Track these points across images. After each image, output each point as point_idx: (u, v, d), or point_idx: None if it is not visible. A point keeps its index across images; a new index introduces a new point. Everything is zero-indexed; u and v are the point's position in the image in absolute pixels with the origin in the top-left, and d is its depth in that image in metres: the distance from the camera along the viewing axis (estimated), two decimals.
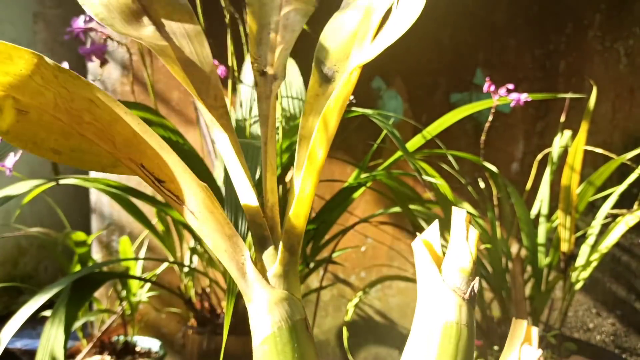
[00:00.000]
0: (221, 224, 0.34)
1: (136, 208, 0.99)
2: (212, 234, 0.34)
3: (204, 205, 0.34)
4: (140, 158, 0.33)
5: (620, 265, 1.26)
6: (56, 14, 1.68)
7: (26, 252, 1.60)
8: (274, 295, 0.34)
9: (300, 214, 0.36)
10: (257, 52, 0.43)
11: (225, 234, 0.34)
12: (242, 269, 0.35)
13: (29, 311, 0.68)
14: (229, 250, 0.34)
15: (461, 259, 0.35)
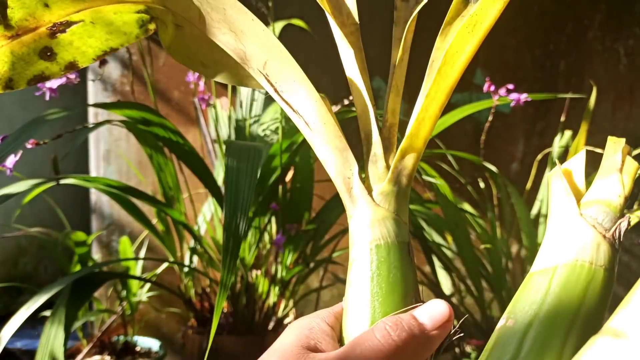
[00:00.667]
0: (333, 136, 0.34)
1: (136, 208, 0.99)
2: (323, 146, 0.34)
3: (319, 115, 0.34)
4: (264, 68, 0.33)
5: (620, 265, 1.25)
6: None
7: (26, 252, 1.60)
8: (377, 213, 0.33)
9: (419, 135, 0.34)
10: None
11: (336, 147, 0.34)
12: (348, 184, 0.34)
13: (29, 311, 0.68)
14: (338, 163, 0.34)
15: (609, 191, 0.30)
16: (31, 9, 0.33)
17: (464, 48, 0.33)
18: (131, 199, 0.98)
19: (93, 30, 0.36)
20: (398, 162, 0.34)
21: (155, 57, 1.26)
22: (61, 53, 0.36)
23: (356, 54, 0.38)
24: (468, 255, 0.96)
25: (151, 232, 1.02)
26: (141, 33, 0.37)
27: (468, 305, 1.07)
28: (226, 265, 0.57)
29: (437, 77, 0.33)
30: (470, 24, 0.33)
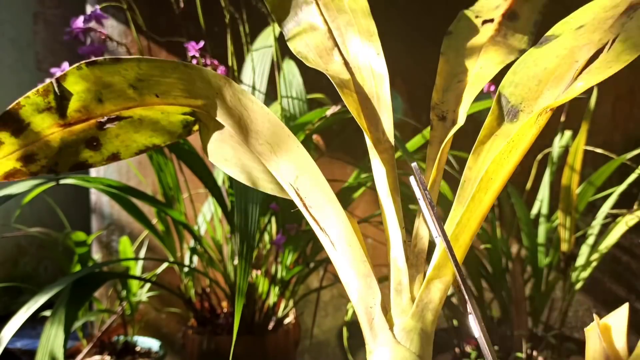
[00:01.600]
0: (358, 261, 0.32)
1: (136, 208, 0.99)
2: (347, 269, 0.33)
3: (345, 238, 0.33)
4: (295, 181, 0.34)
5: (620, 265, 1.26)
6: (56, 14, 1.68)
7: (26, 252, 1.60)
8: (397, 352, 0.30)
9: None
10: (441, 97, 0.42)
11: (361, 272, 0.32)
12: (369, 314, 0.32)
13: (29, 311, 0.68)
14: (361, 289, 0.32)
15: None
16: (86, 102, 0.34)
17: (499, 174, 0.32)
18: (131, 199, 0.98)
19: (140, 126, 0.38)
20: (424, 294, 0.32)
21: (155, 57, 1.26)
22: (106, 144, 0.37)
23: (388, 173, 0.37)
24: (468, 255, 0.96)
25: (151, 232, 1.02)
26: (184, 133, 0.39)
27: None
28: (241, 269, 0.58)
29: (471, 204, 0.32)
30: (507, 149, 0.32)
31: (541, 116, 0.32)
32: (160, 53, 1.26)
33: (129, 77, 0.35)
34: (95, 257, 1.29)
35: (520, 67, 0.38)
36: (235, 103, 0.34)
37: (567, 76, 0.34)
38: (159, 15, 1.11)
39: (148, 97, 0.36)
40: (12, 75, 1.56)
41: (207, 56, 0.92)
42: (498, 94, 0.37)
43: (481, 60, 0.43)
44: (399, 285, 0.34)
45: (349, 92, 0.39)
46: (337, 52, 0.41)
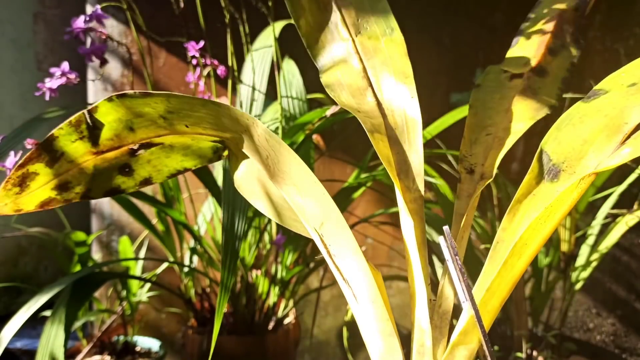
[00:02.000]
0: (381, 318, 0.32)
1: (136, 208, 0.99)
2: (368, 325, 0.32)
3: (368, 293, 0.32)
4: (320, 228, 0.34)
5: (620, 265, 1.26)
6: (56, 14, 1.68)
7: (26, 252, 1.60)
8: None
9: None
10: (469, 150, 0.41)
11: (383, 331, 0.32)
12: None
13: (29, 311, 0.68)
14: (382, 350, 0.31)
15: None
16: (118, 130, 0.35)
17: (535, 239, 0.31)
18: (131, 199, 0.98)
19: (171, 152, 0.38)
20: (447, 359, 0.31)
21: (155, 57, 1.26)
22: (138, 170, 0.38)
23: (417, 225, 0.36)
24: (468, 255, 0.96)
25: (151, 232, 1.02)
26: (214, 158, 0.40)
27: None
28: (226, 266, 0.57)
29: (502, 271, 0.31)
30: (545, 215, 0.31)
31: (583, 180, 0.31)
32: (160, 53, 1.26)
33: (159, 109, 0.35)
34: (95, 257, 1.29)
35: (564, 123, 0.35)
36: (263, 142, 0.35)
37: (615, 138, 0.32)
38: (159, 15, 1.11)
39: (178, 127, 0.37)
40: (12, 75, 1.56)
41: (207, 56, 0.92)
42: (540, 150, 0.35)
43: (510, 114, 0.43)
44: (421, 347, 0.33)
45: (379, 137, 0.38)
46: (371, 93, 0.41)
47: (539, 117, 0.42)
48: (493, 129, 0.42)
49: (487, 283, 0.31)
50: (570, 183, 0.30)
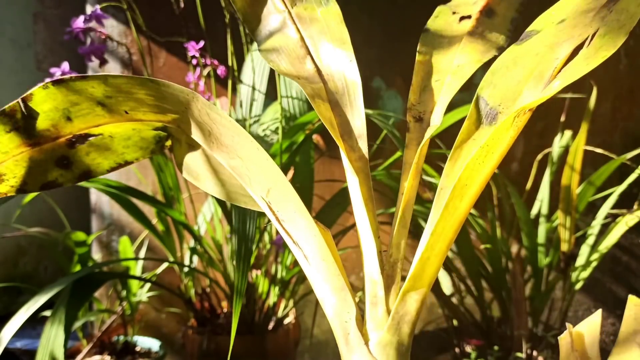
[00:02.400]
0: (332, 275, 0.32)
1: (136, 208, 0.99)
2: (321, 283, 0.32)
3: (318, 252, 0.32)
4: (267, 195, 0.33)
5: (620, 265, 1.26)
6: (56, 14, 1.68)
7: (26, 252, 1.60)
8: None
9: (424, 276, 0.32)
10: (418, 98, 0.41)
11: (335, 286, 0.32)
12: (345, 329, 0.31)
13: (29, 312, 0.68)
14: (336, 304, 0.32)
15: None
16: (54, 120, 0.34)
17: (474, 180, 0.31)
18: (131, 199, 0.98)
19: (111, 143, 0.37)
20: (399, 306, 0.32)
21: (155, 57, 1.26)
22: (77, 163, 0.37)
23: (362, 182, 0.36)
24: (468, 255, 0.96)
25: (151, 232, 1.02)
26: (157, 149, 0.39)
27: (468, 305, 1.07)
28: (239, 271, 0.57)
29: (445, 213, 0.31)
30: (481, 154, 0.31)
31: (519, 118, 0.31)
32: (160, 53, 1.26)
33: (97, 94, 0.34)
34: (95, 257, 1.29)
35: (499, 66, 0.36)
36: (204, 117, 0.34)
37: (547, 74, 0.33)
38: (159, 15, 1.11)
39: (117, 114, 0.36)
40: (12, 75, 1.56)
41: (207, 56, 0.92)
42: (476, 96, 0.35)
43: (459, 58, 0.42)
44: (374, 297, 0.33)
45: (320, 101, 0.38)
46: (310, 60, 0.41)
47: (486, 60, 0.41)
48: (441, 74, 0.42)
49: (432, 227, 0.32)
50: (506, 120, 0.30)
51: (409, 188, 0.37)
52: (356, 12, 1.25)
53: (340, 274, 0.32)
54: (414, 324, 0.32)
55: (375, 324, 0.32)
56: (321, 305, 0.32)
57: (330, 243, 0.33)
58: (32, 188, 0.36)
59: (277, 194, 0.33)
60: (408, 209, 0.37)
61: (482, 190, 0.32)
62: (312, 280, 0.32)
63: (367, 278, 0.34)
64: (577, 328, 0.28)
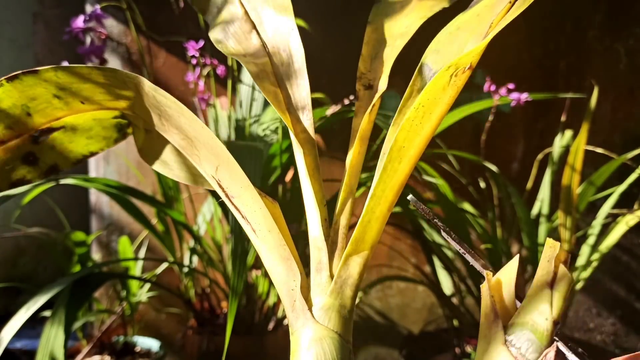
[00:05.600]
0: (277, 244, 0.32)
1: (136, 208, 0.99)
2: (267, 253, 0.33)
3: (264, 224, 0.33)
4: (216, 173, 0.33)
5: (621, 265, 1.26)
6: (56, 14, 1.68)
7: (25, 252, 1.60)
8: (315, 331, 0.31)
9: (365, 239, 0.32)
10: (368, 66, 0.40)
11: (281, 256, 0.32)
12: (291, 296, 0.32)
13: (29, 312, 0.68)
14: (282, 273, 0.32)
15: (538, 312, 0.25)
16: (15, 117, 0.34)
17: (412, 141, 0.31)
18: (131, 199, 0.98)
19: (73, 135, 0.37)
20: (342, 270, 0.32)
21: (154, 57, 1.26)
22: (43, 157, 0.37)
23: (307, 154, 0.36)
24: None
25: (151, 232, 1.02)
26: (120, 137, 0.39)
27: (468, 305, 1.07)
28: (236, 270, 0.57)
29: (383, 175, 0.31)
30: (418, 115, 0.30)
31: (457, 76, 0.30)
32: (160, 52, 1.26)
33: (51, 87, 0.34)
34: (95, 257, 1.29)
35: (443, 34, 0.35)
36: (152, 100, 0.34)
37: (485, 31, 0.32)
38: (158, 14, 1.11)
39: (74, 105, 0.36)
40: None
41: (207, 56, 0.91)
42: (420, 64, 0.35)
43: (406, 20, 0.41)
44: (318, 264, 0.33)
45: (265, 76, 0.38)
46: (255, 34, 0.40)
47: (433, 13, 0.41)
48: (392, 40, 0.41)
49: (372, 191, 0.31)
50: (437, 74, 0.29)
51: (354, 155, 0.37)
52: (356, 10, 1.25)
53: (286, 244, 0.32)
54: (357, 287, 0.32)
55: (319, 289, 0.32)
56: (269, 274, 0.33)
57: (277, 215, 0.34)
58: (2, 187, 0.36)
59: (225, 171, 0.33)
60: (353, 176, 0.37)
61: (421, 152, 0.32)
62: (260, 252, 0.33)
63: (311, 245, 0.34)
64: (496, 276, 0.28)
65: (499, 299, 0.27)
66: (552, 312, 0.25)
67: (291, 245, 0.33)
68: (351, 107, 0.89)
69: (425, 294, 1.27)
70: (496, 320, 0.26)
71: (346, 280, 0.32)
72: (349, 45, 1.24)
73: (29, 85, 0.34)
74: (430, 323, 1.25)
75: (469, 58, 0.29)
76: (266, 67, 0.38)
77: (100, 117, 0.37)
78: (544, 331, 0.25)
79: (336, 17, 1.20)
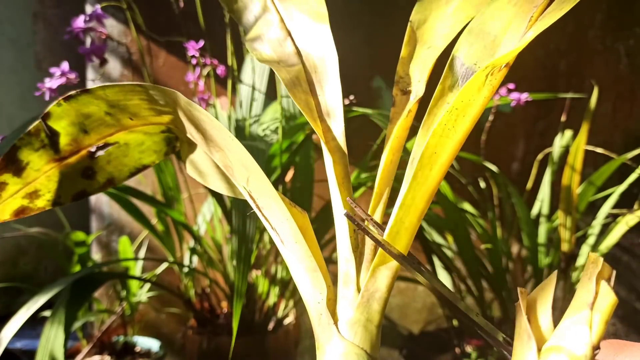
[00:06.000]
0: (305, 256, 0.32)
1: (136, 208, 0.99)
2: (295, 264, 0.32)
3: (291, 234, 0.32)
4: (248, 184, 0.33)
5: (621, 265, 1.26)
6: (56, 13, 1.68)
7: (26, 252, 1.60)
8: (339, 346, 0.30)
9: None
10: (406, 70, 0.39)
11: (308, 267, 0.32)
12: (318, 310, 0.31)
13: (29, 312, 0.68)
14: (309, 285, 0.31)
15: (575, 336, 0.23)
16: (74, 135, 0.37)
17: (445, 147, 0.29)
18: (131, 199, 0.98)
19: (127, 150, 0.40)
20: (369, 283, 0.31)
21: (155, 57, 1.26)
22: (100, 172, 0.39)
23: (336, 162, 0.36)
24: (468, 255, 0.96)
25: (151, 232, 1.02)
26: (169, 150, 0.41)
27: (468, 305, 1.07)
28: (240, 271, 0.57)
29: (413, 183, 0.29)
30: (451, 118, 0.28)
31: (492, 75, 0.28)
32: (160, 52, 1.26)
33: (102, 105, 0.36)
34: (95, 257, 1.29)
35: (476, 23, 0.32)
36: (188, 114, 0.35)
37: (524, 25, 0.30)
38: (158, 14, 1.11)
39: (124, 121, 0.37)
40: (11, 75, 1.56)
41: (207, 56, 0.91)
42: (451, 57, 0.32)
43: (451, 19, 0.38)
44: (347, 277, 0.33)
45: (298, 83, 0.37)
46: (290, 41, 0.40)
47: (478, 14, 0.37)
48: (434, 41, 0.38)
49: (401, 199, 0.30)
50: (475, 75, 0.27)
51: (387, 163, 0.36)
52: (357, 12, 1.25)
53: (313, 255, 0.32)
54: (385, 301, 0.31)
55: (346, 303, 0.32)
56: (297, 287, 0.32)
57: (306, 226, 0.33)
58: (65, 200, 0.38)
59: (255, 182, 0.33)
60: (384, 184, 0.36)
61: (453, 158, 0.30)
62: (288, 262, 0.32)
63: (340, 257, 0.34)
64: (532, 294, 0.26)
65: (534, 319, 0.25)
66: (592, 337, 0.22)
67: (319, 256, 0.32)
68: (351, 107, 0.89)
69: (425, 294, 1.27)
70: (529, 342, 0.24)
71: (373, 293, 0.31)
72: (350, 46, 1.24)
73: (83, 103, 0.35)
74: (430, 323, 1.25)
75: (507, 58, 0.27)
76: (299, 75, 0.38)
77: (149, 131, 0.39)
78: (582, 357, 0.22)
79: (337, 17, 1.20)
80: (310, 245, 0.32)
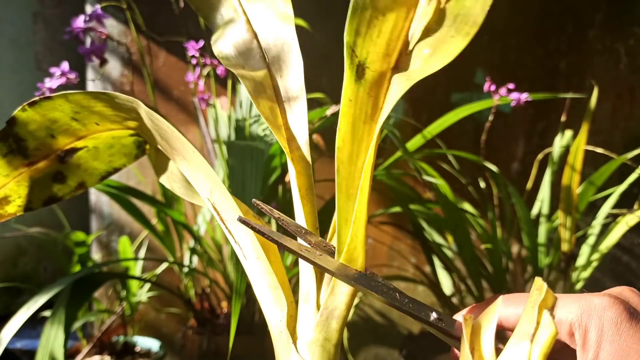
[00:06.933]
0: (266, 273, 0.31)
1: (136, 208, 0.99)
2: (257, 280, 0.32)
3: (253, 250, 0.32)
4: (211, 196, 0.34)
5: (621, 265, 1.26)
6: (56, 13, 1.68)
7: (26, 252, 1.60)
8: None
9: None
10: None
11: (269, 284, 0.31)
12: (278, 327, 0.31)
13: (29, 312, 0.68)
14: (270, 301, 0.31)
15: None
16: (41, 139, 0.37)
17: None
18: (131, 199, 0.98)
19: (97, 154, 0.40)
20: (329, 301, 0.30)
21: (155, 57, 1.26)
22: (71, 176, 0.39)
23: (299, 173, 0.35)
24: (468, 255, 0.96)
25: (151, 232, 1.02)
26: (139, 153, 0.41)
27: (468, 305, 1.07)
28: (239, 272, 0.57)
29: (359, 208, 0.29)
30: None
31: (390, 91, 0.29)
32: (160, 52, 1.26)
33: (67, 111, 0.36)
34: (95, 257, 1.29)
35: None
36: (150, 123, 0.35)
37: None
38: (158, 14, 1.11)
39: (91, 126, 0.37)
40: (11, 75, 1.56)
41: (207, 56, 0.91)
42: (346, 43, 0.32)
43: None
44: (307, 294, 0.32)
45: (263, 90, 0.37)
46: (256, 44, 0.39)
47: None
48: None
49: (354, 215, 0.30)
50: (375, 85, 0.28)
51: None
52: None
53: (275, 272, 0.31)
54: (344, 319, 0.31)
55: (306, 321, 0.31)
56: (259, 301, 0.32)
57: (265, 245, 0.32)
58: (36, 205, 0.38)
59: (218, 195, 0.33)
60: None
61: None
62: (250, 277, 0.32)
63: (301, 274, 0.33)
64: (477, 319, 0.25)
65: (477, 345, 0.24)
66: None
67: (281, 273, 0.32)
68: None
69: (425, 294, 1.27)
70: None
71: (332, 311, 0.30)
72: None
73: (48, 109, 0.35)
74: None
75: None
76: (264, 80, 0.37)
77: (118, 135, 0.39)
78: None
79: (336, 16, 1.19)
80: (273, 261, 0.32)
